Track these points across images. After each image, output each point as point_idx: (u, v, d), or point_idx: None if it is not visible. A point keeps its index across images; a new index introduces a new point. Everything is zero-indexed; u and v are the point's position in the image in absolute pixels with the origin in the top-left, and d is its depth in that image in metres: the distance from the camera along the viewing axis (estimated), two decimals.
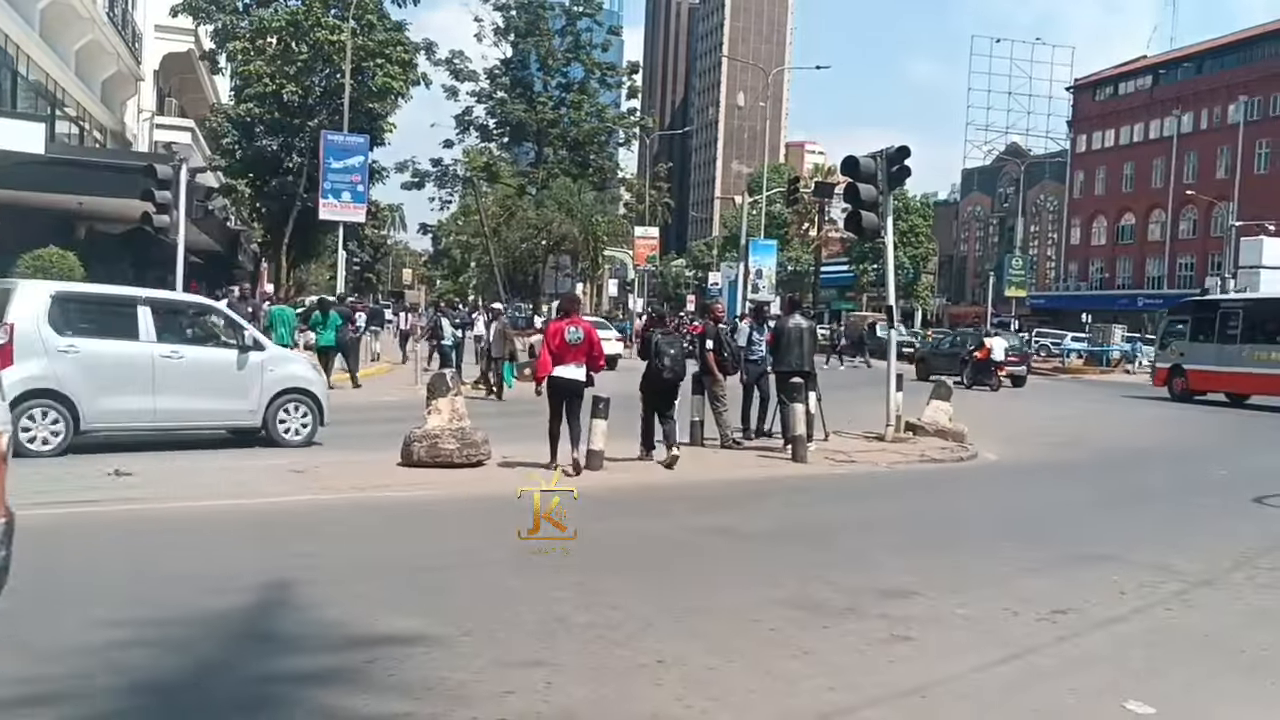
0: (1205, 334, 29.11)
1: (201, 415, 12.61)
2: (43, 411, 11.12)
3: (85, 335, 11.65)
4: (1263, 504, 11.16)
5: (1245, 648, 5.84)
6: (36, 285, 12.65)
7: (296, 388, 13.12)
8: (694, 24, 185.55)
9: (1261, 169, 63.65)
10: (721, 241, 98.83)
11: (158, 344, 11.99)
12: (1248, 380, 27.22)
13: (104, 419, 11.65)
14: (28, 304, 11.43)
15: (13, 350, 10.91)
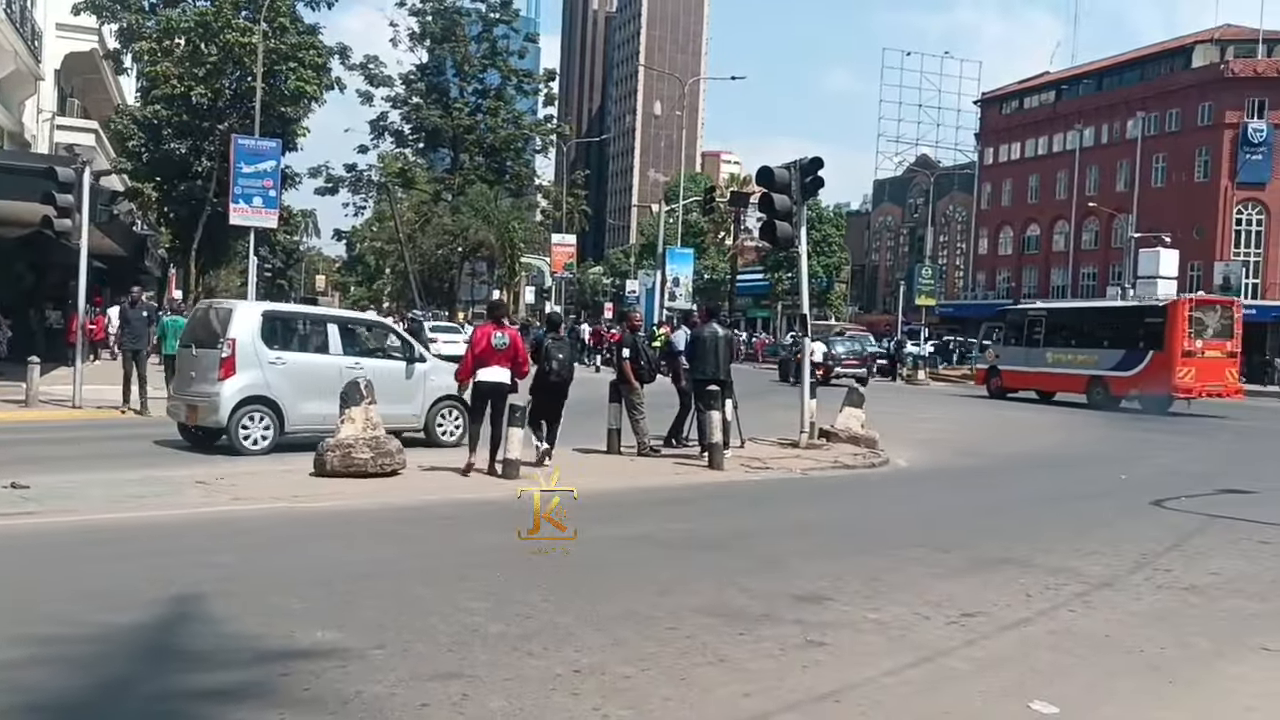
0: (1016, 339, 32.95)
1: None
2: (259, 415, 13.00)
3: (289, 349, 13.58)
4: (1161, 507, 11.54)
5: (1144, 648, 6.03)
6: (252, 305, 14.83)
7: (452, 395, 14.11)
8: (611, 33, 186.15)
9: (1159, 182, 65.89)
10: (639, 249, 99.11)
11: (344, 356, 13.85)
12: (1050, 379, 30.90)
13: (304, 422, 13.19)
14: (245, 322, 13.28)
15: (235, 361, 12.77)
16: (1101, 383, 29.18)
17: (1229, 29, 66.84)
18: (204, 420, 13.31)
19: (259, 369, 13.03)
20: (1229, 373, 28.73)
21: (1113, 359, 29.27)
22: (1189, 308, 28.87)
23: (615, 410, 14.16)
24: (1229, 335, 28.96)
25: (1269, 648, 6.18)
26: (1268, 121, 62.24)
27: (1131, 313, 32.27)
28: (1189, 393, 27.91)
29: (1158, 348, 27.96)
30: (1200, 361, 27.80)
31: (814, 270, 76.25)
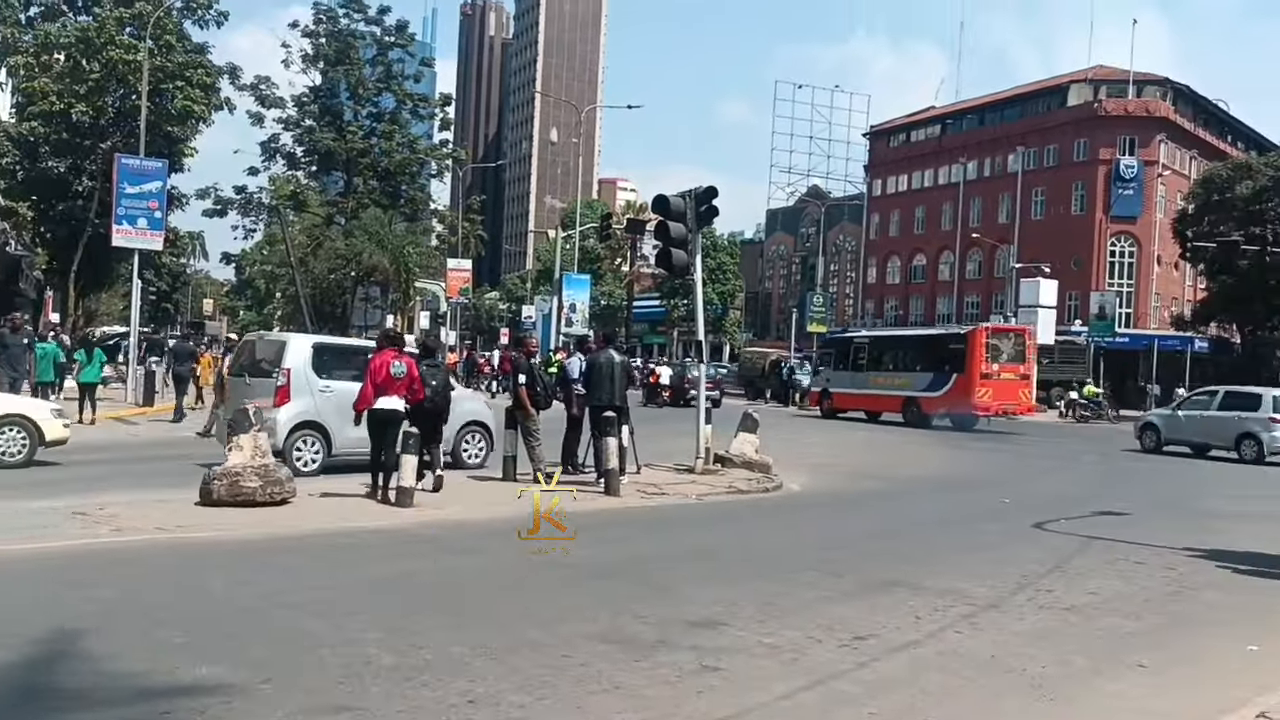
0: (844, 364, 36.39)
1: None
2: (310, 439, 13.96)
3: (335, 378, 14.25)
4: (1042, 529, 11.91)
5: (1027, 667, 6.20)
6: (304, 338, 15.68)
7: (477, 420, 15.72)
8: (507, 59, 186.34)
9: (1038, 215, 68.39)
10: (536, 275, 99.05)
11: None
12: (874, 400, 34.01)
13: (348, 446, 13.69)
14: (298, 353, 14.31)
15: (290, 390, 13.58)
16: (915, 403, 32.25)
17: (1101, 69, 69.93)
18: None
19: (310, 396, 14.09)
20: (1022, 393, 31.91)
21: (923, 381, 32.52)
22: (986, 335, 32.32)
23: (511, 437, 14.08)
24: (1022, 359, 32.22)
25: (1144, 664, 6.42)
26: (1138, 158, 65.18)
27: (939, 340, 35.84)
28: (987, 410, 31.23)
29: (960, 371, 31.36)
30: (996, 383, 31.10)
31: (709, 297, 77.12)
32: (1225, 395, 26.08)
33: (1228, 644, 7.10)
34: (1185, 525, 12.90)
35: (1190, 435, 25.87)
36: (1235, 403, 25.32)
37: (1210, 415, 25.56)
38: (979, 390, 30.74)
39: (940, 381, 31.95)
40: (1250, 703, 5.60)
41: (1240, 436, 24.40)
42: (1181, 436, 25.99)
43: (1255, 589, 9.09)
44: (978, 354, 31.11)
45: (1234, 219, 50.64)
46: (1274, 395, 24.85)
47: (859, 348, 37.10)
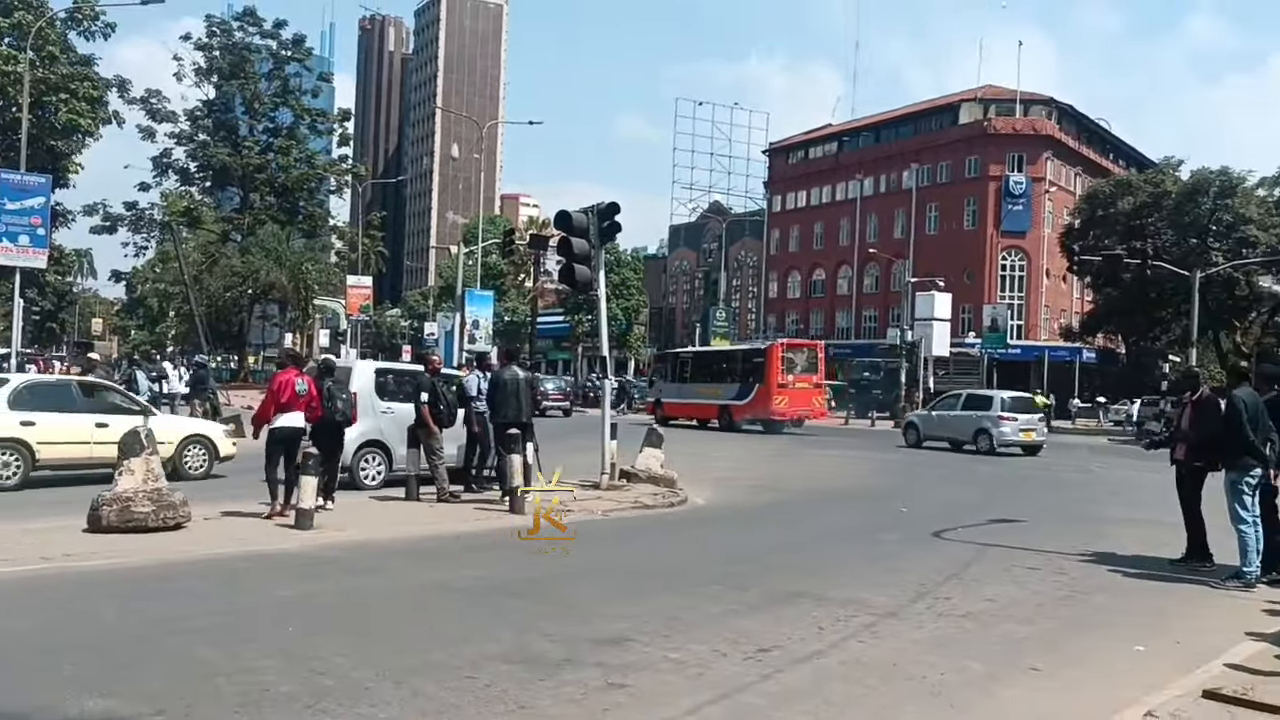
0: (673, 375, 40.87)
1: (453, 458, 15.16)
2: (374, 456, 15.28)
3: (393, 400, 15.49)
4: (940, 538, 12.18)
5: (926, 674, 6.32)
6: (367, 364, 17.58)
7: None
8: (407, 74, 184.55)
9: (932, 230, 70.14)
10: (438, 291, 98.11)
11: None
12: (696, 408, 37.72)
13: (401, 462, 14.69)
14: (363, 378, 15.60)
15: (356, 411, 14.00)
16: (727, 410, 36.45)
17: (990, 89, 72.12)
18: None
19: (374, 418, 15.29)
20: (815, 400, 36.58)
21: (733, 391, 36.92)
22: (782, 350, 36.85)
23: (414, 456, 13.92)
24: (814, 370, 36.96)
25: (1038, 668, 6.60)
26: (1026, 175, 67.31)
27: (745, 354, 40.10)
28: (784, 415, 35.36)
29: (761, 381, 35.70)
30: (792, 392, 35.45)
31: (613, 312, 77.28)
32: (967, 398, 31.34)
33: (1116, 645, 7.34)
34: (1076, 531, 13.29)
35: (942, 432, 30.50)
36: (974, 404, 30.42)
37: (956, 415, 30.37)
38: (777, 398, 35.03)
39: (746, 391, 36.33)
40: (1138, 702, 5.80)
41: (976, 432, 29.16)
42: (936, 433, 30.57)
43: (1142, 591, 9.42)
44: (775, 366, 35.36)
45: (1117, 233, 52.59)
46: (1002, 397, 30.33)
47: (684, 362, 42.12)
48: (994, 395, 31.07)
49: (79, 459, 15.08)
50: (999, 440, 28.58)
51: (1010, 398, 30.59)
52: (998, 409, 29.17)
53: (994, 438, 28.54)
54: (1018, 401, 30.53)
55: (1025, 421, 29.19)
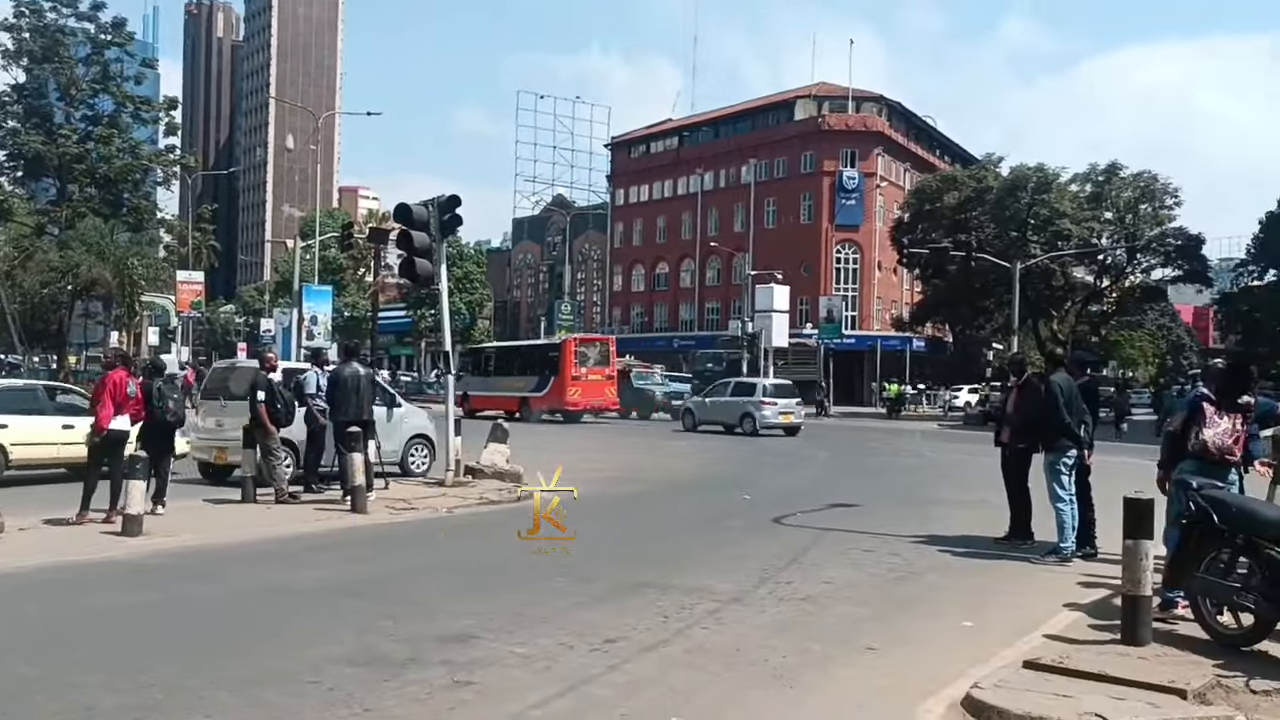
0: (478, 370, 42.39)
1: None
2: (284, 454, 14.30)
3: None
4: (780, 524, 12.49)
5: (769, 657, 6.49)
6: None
7: (422, 433, 17.69)
8: (238, 62, 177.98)
9: (771, 224, 71.73)
10: (274, 287, 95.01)
11: None
12: (500, 400, 38.25)
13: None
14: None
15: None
16: (526, 402, 38.05)
17: (824, 86, 74.16)
18: (231, 460, 15.07)
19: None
20: (607, 391, 38.49)
21: (532, 384, 38.68)
22: (575, 344, 38.93)
23: (250, 456, 13.49)
24: (606, 363, 39.11)
25: (874, 647, 6.85)
26: (859, 170, 69.48)
27: (541, 349, 42.65)
28: (577, 406, 37.36)
29: (556, 374, 37.63)
30: (585, 384, 37.52)
31: (456, 307, 76.32)
32: (735, 385, 34.54)
33: (946, 622, 7.68)
34: (909, 513, 13.83)
35: (714, 416, 32.87)
36: (740, 391, 33.43)
37: (725, 400, 33.23)
38: (571, 390, 37.13)
39: (543, 383, 38.16)
40: (965, 674, 6.09)
41: (742, 415, 31.94)
42: (709, 418, 32.82)
43: (969, 569, 9.88)
44: (569, 360, 37.43)
45: (943, 227, 54.85)
46: (764, 384, 33.69)
47: (488, 357, 44.08)
48: (757, 382, 34.52)
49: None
50: (761, 423, 31.39)
51: (772, 384, 33.84)
52: (760, 395, 32.27)
53: (757, 420, 31.42)
54: (779, 388, 33.55)
55: (784, 405, 32.05)
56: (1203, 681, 5.81)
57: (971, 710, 5.51)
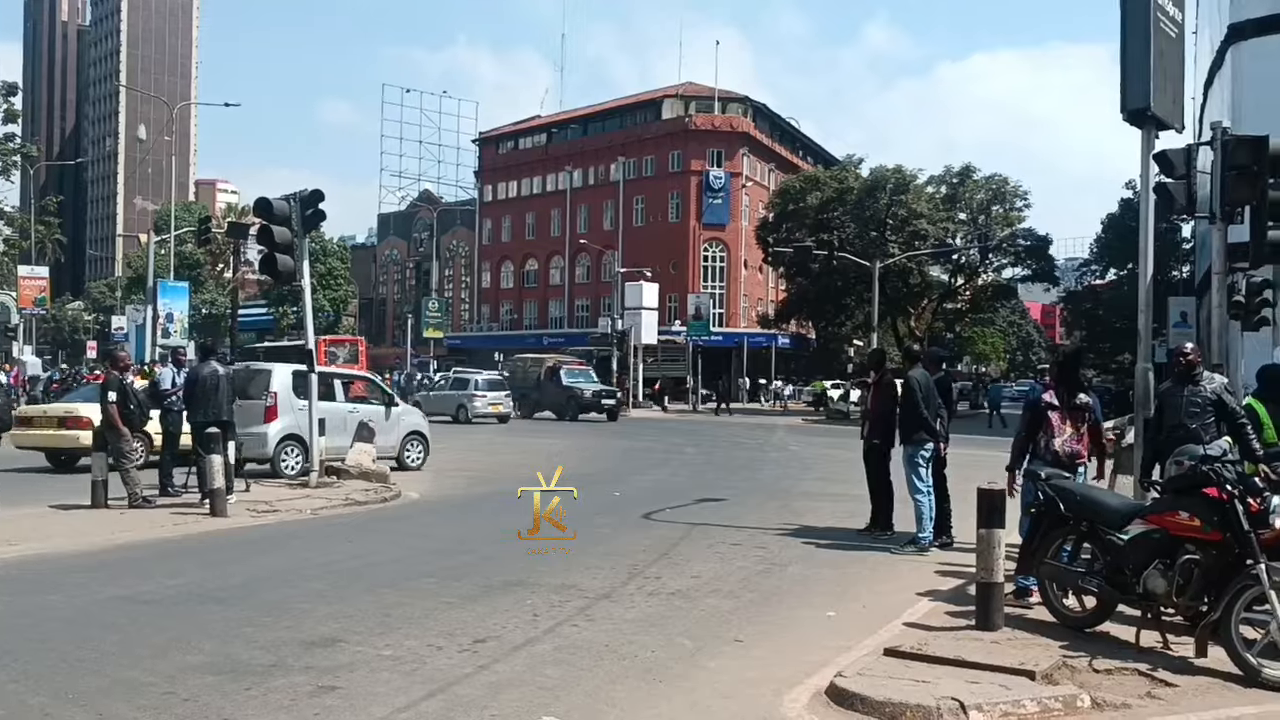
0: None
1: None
2: (293, 448, 16.86)
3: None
4: (650, 519, 12.60)
5: (638, 653, 6.54)
6: (285, 366, 18.27)
7: (418, 430, 19.65)
8: (85, 48, 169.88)
9: (640, 222, 72.16)
10: (126, 283, 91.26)
11: (345, 403, 18.92)
12: None
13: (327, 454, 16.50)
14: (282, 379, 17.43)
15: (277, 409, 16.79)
16: None
17: (691, 85, 74.96)
18: (250, 454, 16.23)
19: (293, 414, 16.75)
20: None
21: None
22: (325, 345, 40.36)
23: (101, 460, 12.92)
24: (355, 362, 41.58)
25: (740, 639, 6.97)
26: (725, 170, 70.45)
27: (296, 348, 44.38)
28: None
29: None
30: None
31: (320, 304, 74.65)
32: (453, 380, 39.49)
33: (811, 613, 7.87)
34: (774, 506, 14.14)
35: (438, 407, 34.95)
36: (457, 385, 38.07)
37: (445, 394, 37.75)
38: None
39: None
40: (830, 663, 6.26)
41: (458, 406, 36.15)
42: (434, 409, 33.62)
43: (832, 561, 10.13)
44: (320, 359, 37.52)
45: (806, 226, 56.05)
46: (476, 378, 37.86)
47: (258, 356, 43.49)
48: (470, 376, 38.78)
49: None
50: (474, 413, 35.90)
51: (484, 379, 38.21)
52: (473, 388, 36.85)
53: (470, 410, 35.89)
54: (489, 382, 38.09)
55: (494, 397, 36.68)
56: (1050, 663, 6.11)
57: (835, 698, 5.67)
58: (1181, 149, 10.48)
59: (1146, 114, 9.86)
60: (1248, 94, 25.71)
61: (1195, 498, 6.50)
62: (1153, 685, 5.90)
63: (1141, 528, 6.78)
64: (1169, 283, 44.50)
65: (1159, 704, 5.67)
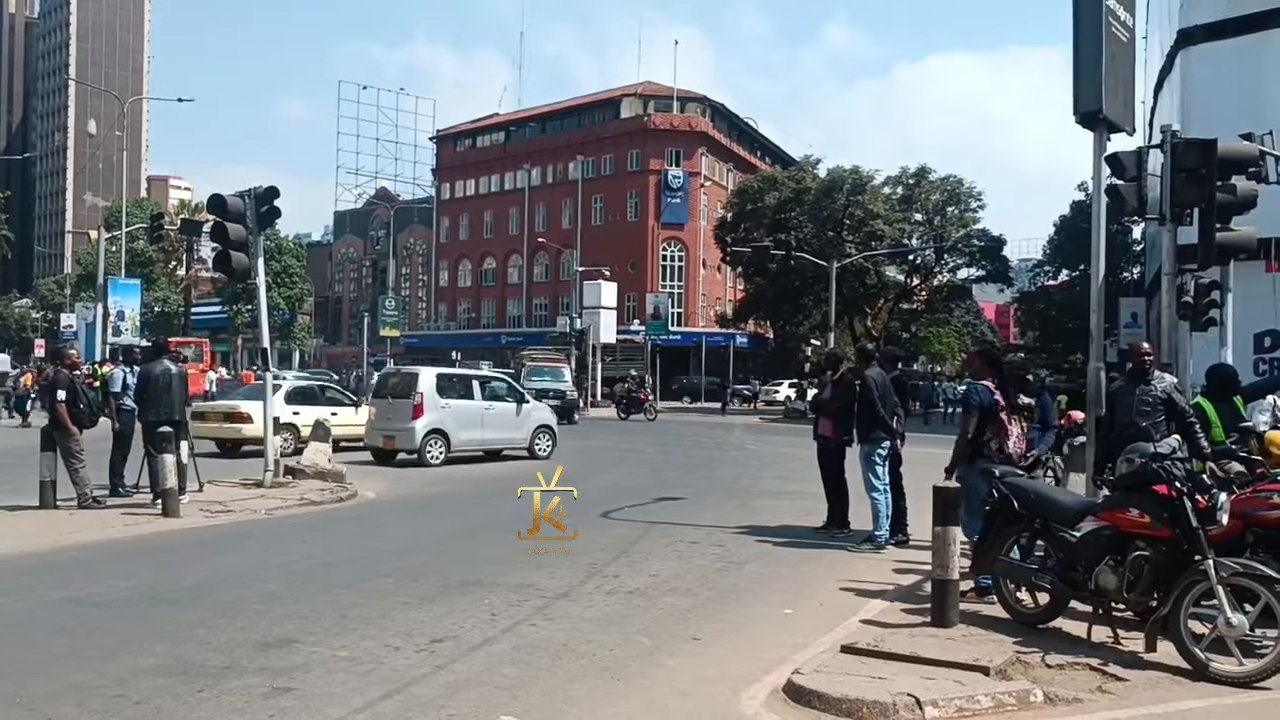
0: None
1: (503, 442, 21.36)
2: (437, 440, 19.82)
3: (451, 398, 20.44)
4: (609, 518, 12.60)
5: (596, 651, 6.54)
6: (430, 370, 21.77)
7: (547, 424, 22.12)
8: (33, 40, 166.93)
9: (598, 220, 72.20)
10: (76, 280, 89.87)
11: (482, 401, 21.05)
12: None
13: (461, 446, 20.45)
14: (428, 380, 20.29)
15: (424, 406, 19.65)
16: None
17: (650, 85, 75.09)
18: (400, 445, 19.69)
19: (437, 411, 19.76)
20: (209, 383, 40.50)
21: None
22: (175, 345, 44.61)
23: (49, 460, 12.69)
24: (200, 360, 43.34)
25: (698, 637, 6.99)
26: (684, 170, 70.60)
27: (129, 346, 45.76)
28: None
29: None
30: None
31: (275, 302, 73.92)
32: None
33: (768, 610, 7.90)
34: (732, 504, 14.20)
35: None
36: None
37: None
38: None
39: None
40: (787, 660, 6.30)
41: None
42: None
43: (789, 559, 10.18)
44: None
45: (764, 226, 56.29)
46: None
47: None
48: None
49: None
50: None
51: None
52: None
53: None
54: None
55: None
56: (1004, 658, 6.18)
57: (792, 695, 5.70)
58: (1132, 151, 10.65)
59: (1098, 116, 9.99)
60: (1196, 98, 26.16)
61: (1145, 495, 6.60)
62: (1104, 680, 6.00)
63: (1093, 525, 6.88)
64: (1120, 284, 45.22)
65: (1110, 698, 5.76)
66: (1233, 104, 23.24)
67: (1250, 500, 6.87)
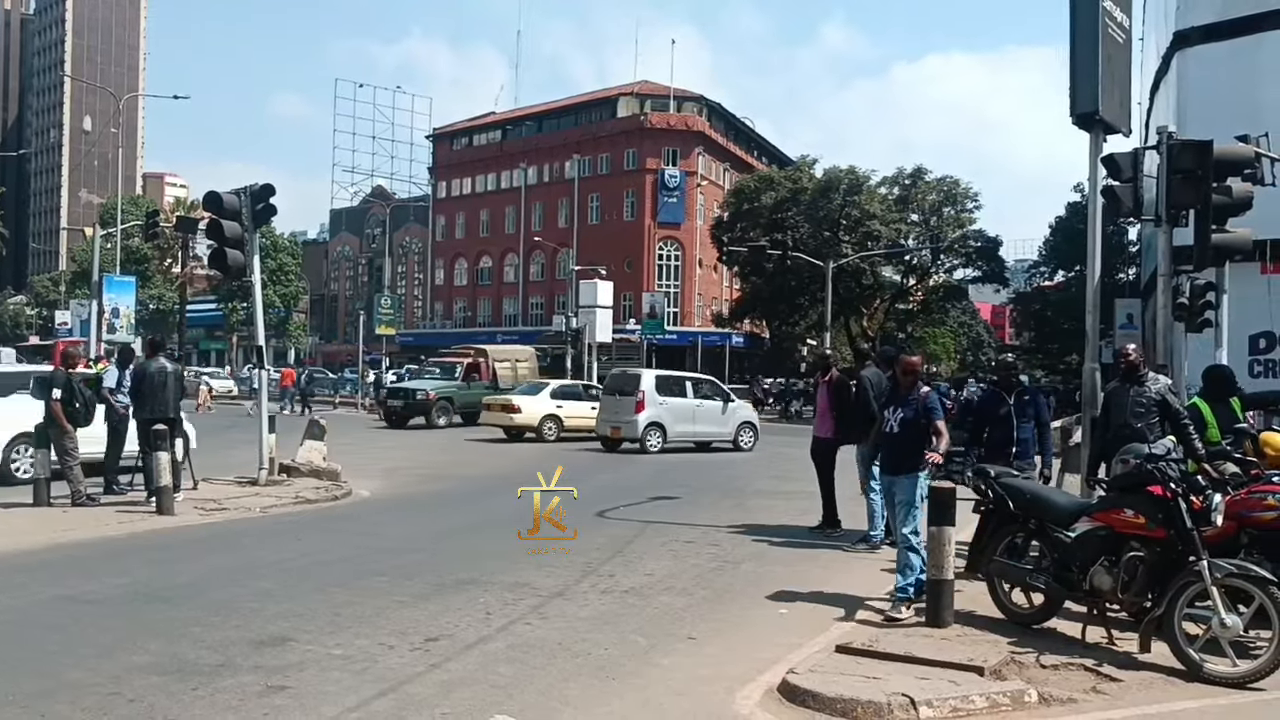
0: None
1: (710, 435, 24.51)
2: (655, 431, 23.45)
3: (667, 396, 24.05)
4: (604, 517, 12.60)
5: (591, 650, 6.54)
6: (651, 371, 25.56)
7: (749, 420, 25.52)
8: (29, 36, 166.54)
9: (595, 219, 72.14)
10: (71, 277, 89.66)
11: (693, 399, 24.35)
12: None
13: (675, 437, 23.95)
14: (649, 380, 23.93)
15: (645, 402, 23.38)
16: None
17: (647, 84, 74.99)
18: (625, 435, 23.22)
19: (656, 406, 23.29)
20: None
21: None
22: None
23: (44, 457, 12.68)
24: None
25: (693, 637, 6.99)
26: (680, 169, 70.57)
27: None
28: None
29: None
30: None
31: (270, 300, 73.76)
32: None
33: (763, 610, 7.90)
34: (728, 504, 14.20)
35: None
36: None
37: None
38: None
39: None
40: (782, 660, 6.30)
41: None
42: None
43: (784, 558, 10.18)
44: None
45: (761, 226, 56.24)
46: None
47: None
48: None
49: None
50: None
51: None
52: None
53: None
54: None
55: None
56: (998, 659, 6.19)
57: (787, 695, 5.70)
58: (1129, 153, 10.66)
59: (1095, 118, 10.01)
60: (1192, 100, 26.16)
61: (1140, 496, 6.61)
62: (1098, 680, 6.00)
63: (1088, 525, 6.89)
64: (1116, 284, 45.21)
65: (1104, 699, 5.77)
66: (1229, 106, 23.23)
67: (1245, 501, 6.88)
